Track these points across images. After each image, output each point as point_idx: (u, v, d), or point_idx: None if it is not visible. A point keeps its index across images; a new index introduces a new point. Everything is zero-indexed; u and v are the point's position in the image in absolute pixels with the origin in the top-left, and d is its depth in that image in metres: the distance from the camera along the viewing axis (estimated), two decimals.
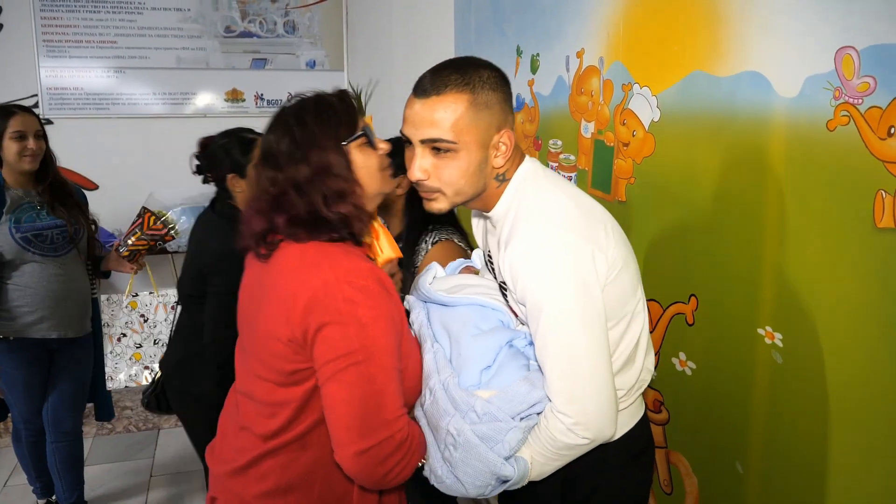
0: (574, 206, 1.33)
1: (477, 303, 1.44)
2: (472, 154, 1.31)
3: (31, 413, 2.91)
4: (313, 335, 1.26)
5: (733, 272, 1.62)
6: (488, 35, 2.88)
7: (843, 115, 1.31)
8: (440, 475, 1.34)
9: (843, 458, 1.40)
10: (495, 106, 1.31)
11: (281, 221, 1.34)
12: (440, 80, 1.30)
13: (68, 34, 5.10)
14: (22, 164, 2.70)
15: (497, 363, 1.33)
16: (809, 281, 1.44)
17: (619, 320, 1.36)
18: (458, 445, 1.28)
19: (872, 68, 1.25)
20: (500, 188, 1.39)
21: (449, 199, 1.36)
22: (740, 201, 1.59)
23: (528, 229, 1.29)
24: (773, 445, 1.56)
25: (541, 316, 1.27)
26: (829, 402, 1.41)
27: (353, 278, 1.27)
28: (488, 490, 1.31)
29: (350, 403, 1.25)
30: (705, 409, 1.77)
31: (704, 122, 1.68)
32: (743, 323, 1.61)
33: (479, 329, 1.39)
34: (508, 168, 1.38)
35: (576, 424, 1.26)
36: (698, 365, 1.77)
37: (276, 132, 1.37)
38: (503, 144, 1.33)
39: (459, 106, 1.29)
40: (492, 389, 1.31)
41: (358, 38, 5.35)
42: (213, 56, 5.37)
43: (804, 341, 1.46)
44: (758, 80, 1.51)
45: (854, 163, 1.30)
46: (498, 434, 1.27)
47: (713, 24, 1.63)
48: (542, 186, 1.37)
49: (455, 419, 1.29)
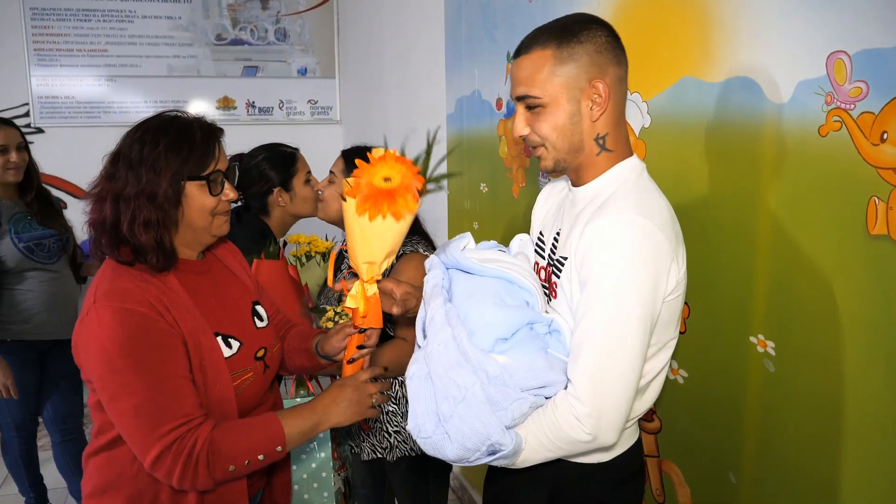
0: (669, 214, 1.31)
1: (506, 277, 1.38)
2: (560, 107, 1.31)
3: (25, 417, 2.99)
4: (79, 356, 1.40)
5: (725, 280, 1.60)
6: (479, 42, 2.88)
7: (836, 120, 1.29)
8: (428, 430, 1.28)
9: (836, 467, 1.38)
10: (583, 57, 1.29)
11: (90, 218, 1.43)
12: (529, 40, 1.34)
13: (59, 43, 5.09)
14: (6, 177, 2.82)
15: (514, 339, 1.29)
16: (802, 289, 1.42)
17: (653, 345, 1.33)
18: (461, 400, 1.23)
19: (865, 73, 1.23)
20: (599, 157, 1.35)
21: (551, 156, 1.36)
22: (732, 208, 1.58)
23: (623, 213, 1.25)
24: (766, 454, 1.55)
25: (599, 299, 1.24)
26: (823, 411, 1.40)
27: (116, 301, 1.35)
28: (473, 457, 1.26)
29: (125, 415, 1.34)
30: (698, 418, 1.75)
31: (695, 129, 1.67)
32: (735, 331, 1.59)
33: (503, 302, 1.34)
34: (610, 134, 1.34)
35: (587, 416, 1.22)
36: (690, 373, 1.76)
37: (134, 137, 1.43)
38: (596, 94, 1.30)
39: (544, 62, 1.30)
40: (506, 358, 1.26)
41: (349, 45, 5.35)
42: (205, 64, 5.36)
43: (797, 350, 1.45)
44: (749, 86, 1.50)
45: (847, 169, 1.28)
46: (505, 400, 1.23)
47: (703, 30, 1.62)
48: (646, 185, 1.34)
49: (465, 373, 1.24)
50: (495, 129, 2.79)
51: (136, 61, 5.26)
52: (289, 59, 5.52)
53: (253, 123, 5.45)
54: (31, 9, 4.99)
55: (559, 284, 1.38)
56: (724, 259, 1.60)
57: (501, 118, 2.73)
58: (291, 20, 5.48)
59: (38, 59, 5.05)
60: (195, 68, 5.34)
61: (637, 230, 1.23)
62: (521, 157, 2.57)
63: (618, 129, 1.35)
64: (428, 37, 3.51)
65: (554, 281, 1.41)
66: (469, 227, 3.12)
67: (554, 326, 1.34)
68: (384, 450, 2.17)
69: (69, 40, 5.11)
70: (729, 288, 1.59)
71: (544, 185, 2.39)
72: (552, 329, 1.33)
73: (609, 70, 1.31)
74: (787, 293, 1.45)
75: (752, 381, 1.56)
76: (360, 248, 1.42)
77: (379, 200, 1.33)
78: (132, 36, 5.22)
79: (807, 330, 1.42)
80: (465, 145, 3.10)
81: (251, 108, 5.47)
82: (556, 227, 1.46)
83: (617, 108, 1.34)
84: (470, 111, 3.03)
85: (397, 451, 2.16)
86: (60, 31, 5.08)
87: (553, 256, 1.43)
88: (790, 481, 1.49)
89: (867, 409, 1.30)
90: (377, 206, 1.34)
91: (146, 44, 5.26)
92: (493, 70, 2.77)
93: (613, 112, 1.33)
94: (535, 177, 2.47)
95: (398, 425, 2.15)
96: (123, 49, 5.22)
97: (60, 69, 5.11)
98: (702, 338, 1.71)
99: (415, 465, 2.22)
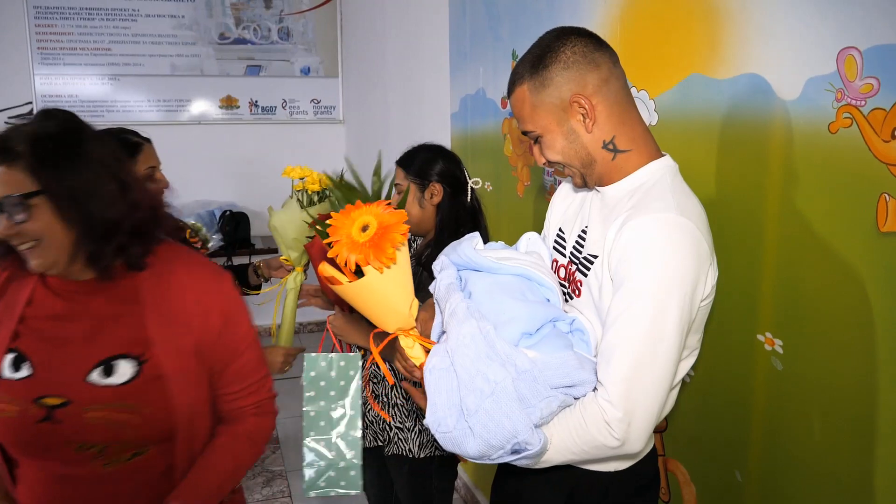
0: (705, 217, 1.29)
1: (525, 274, 1.35)
2: (554, 132, 1.33)
3: None
4: None
5: (733, 277, 1.60)
6: (483, 39, 2.88)
7: (846, 117, 1.29)
8: (449, 425, 1.23)
9: (843, 466, 1.38)
10: (554, 79, 1.29)
11: None
12: (511, 78, 1.37)
13: (63, 42, 5.09)
14: None
15: (539, 334, 1.25)
16: (810, 286, 1.42)
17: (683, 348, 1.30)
18: (489, 394, 1.18)
19: (876, 69, 1.23)
20: (617, 160, 1.33)
21: (574, 174, 1.38)
22: (740, 205, 1.57)
23: (665, 212, 1.22)
24: (773, 452, 1.55)
25: (638, 300, 1.21)
26: (830, 409, 1.40)
27: None
28: (495, 454, 1.21)
29: None
30: (704, 417, 1.75)
31: (703, 126, 1.66)
32: (742, 329, 1.59)
33: (525, 297, 1.31)
34: (618, 135, 1.32)
35: (619, 421, 1.19)
36: (697, 371, 1.75)
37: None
38: (580, 108, 1.29)
39: (524, 97, 1.34)
40: (536, 352, 1.22)
41: (352, 44, 5.35)
42: (208, 63, 5.36)
43: (805, 348, 1.44)
44: (757, 83, 1.49)
45: (857, 166, 1.28)
46: (534, 397, 1.19)
47: (711, 26, 1.62)
48: (682, 187, 1.32)
49: (495, 366, 1.20)
50: (500, 127, 2.79)
51: (140, 60, 5.27)
52: (292, 59, 5.53)
53: (256, 123, 5.45)
54: (34, 7, 4.99)
55: (585, 283, 1.35)
56: (731, 256, 1.59)
57: (506, 116, 2.73)
58: (294, 19, 5.49)
59: (41, 58, 5.05)
60: (198, 67, 5.34)
61: (681, 231, 1.21)
62: (526, 155, 2.57)
63: (625, 127, 1.32)
64: (432, 36, 3.51)
65: (578, 279, 1.38)
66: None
67: (576, 325, 1.31)
68: (384, 441, 2.16)
69: (73, 39, 5.11)
70: (737, 286, 1.59)
71: (549, 183, 2.39)
72: (574, 328, 1.31)
73: (586, 78, 1.29)
74: (795, 291, 1.45)
75: (760, 379, 1.56)
76: (386, 317, 1.38)
77: (381, 245, 1.26)
78: (135, 35, 5.22)
79: (815, 328, 1.41)
80: (470, 144, 3.11)
81: (254, 108, 5.47)
82: (581, 224, 1.43)
83: (615, 109, 1.31)
84: (474, 110, 3.03)
85: (395, 447, 2.14)
86: (64, 30, 5.08)
87: (578, 254, 1.40)
88: (797, 479, 1.48)
89: (876, 406, 1.30)
90: (381, 252, 1.27)
91: (149, 42, 5.26)
92: (497, 68, 2.77)
93: (611, 113, 1.31)
94: (540, 175, 2.47)
95: (402, 423, 2.14)
96: (127, 48, 5.23)
97: (64, 68, 5.12)
98: (709, 336, 1.69)
99: (415, 472, 2.19)
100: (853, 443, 1.35)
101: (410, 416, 2.13)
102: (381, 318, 1.38)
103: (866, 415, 1.32)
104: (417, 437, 2.12)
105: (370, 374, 2.16)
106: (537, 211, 2.54)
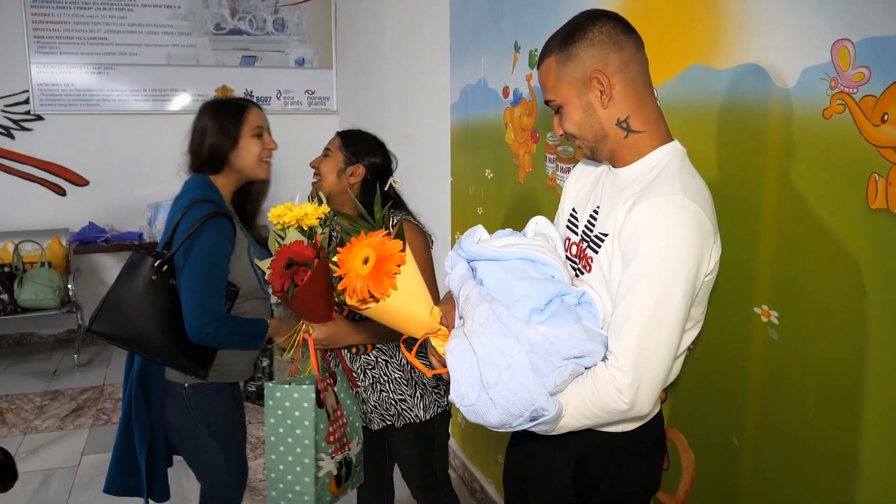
0: (710, 198, 1.39)
1: (528, 257, 1.45)
2: (574, 104, 1.43)
3: (242, 471, 2.36)
4: None
5: (730, 253, 1.66)
6: (485, 31, 2.93)
7: (839, 103, 1.38)
8: (472, 398, 1.32)
9: (833, 430, 1.46)
10: (580, 55, 1.40)
11: None
12: (542, 50, 1.48)
13: (59, 31, 5.11)
14: (259, 172, 2.33)
15: (549, 310, 1.35)
16: (805, 261, 1.50)
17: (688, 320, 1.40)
18: (506, 367, 1.28)
19: (867, 59, 1.32)
20: (629, 139, 1.43)
21: (584, 146, 1.48)
22: (739, 186, 1.65)
23: (672, 195, 1.32)
24: (768, 419, 1.62)
25: (646, 276, 1.31)
26: (823, 377, 1.48)
27: None
28: (516, 422, 1.31)
29: None
30: (703, 385, 1.82)
31: (704, 114, 1.74)
32: (739, 302, 1.67)
33: (530, 276, 1.41)
34: (632, 116, 1.41)
35: (628, 387, 1.30)
36: (695, 343, 1.83)
37: None
38: (599, 85, 1.40)
39: (550, 68, 1.44)
40: (546, 327, 1.32)
41: (347, 35, 5.39)
42: (203, 53, 5.40)
43: (799, 319, 1.52)
44: (756, 72, 1.58)
45: (849, 148, 1.37)
46: (547, 367, 1.28)
47: (712, 18, 1.69)
48: (689, 169, 1.41)
49: (509, 341, 1.29)
50: (501, 116, 2.84)
51: (135, 50, 5.29)
52: (287, 50, 5.57)
53: None
54: None
55: (595, 259, 1.45)
56: (731, 234, 1.66)
57: (508, 106, 2.79)
58: (289, 10, 5.53)
59: (38, 47, 5.07)
60: (194, 57, 5.38)
61: (686, 212, 1.31)
62: (528, 143, 2.65)
63: (641, 110, 1.42)
64: (431, 28, 3.55)
65: (589, 256, 1.48)
66: (473, 213, 3.19)
67: (585, 298, 1.40)
68: (392, 417, 2.27)
69: (69, 28, 5.13)
70: (734, 261, 1.66)
71: (550, 170, 2.48)
72: (583, 301, 1.40)
73: (609, 58, 1.39)
74: (791, 265, 1.53)
75: (756, 349, 1.64)
76: (410, 327, 1.49)
77: (378, 278, 1.40)
78: (131, 24, 5.24)
79: (809, 300, 1.50)
80: (470, 132, 3.17)
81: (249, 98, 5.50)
82: (594, 204, 1.52)
83: (631, 90, 1.41)
84: (475, 100, 3.09)
85: (402, 419, 2.27)
86: (60, 19, 5.10)
87: (589, 233, 1.50)
88: (791, 443, 1.56)
89: (868, 374, 1.38)
90: (378, 284, 1.40)
91: (145, 32, 5.29)
92: (499, 58, 2.82)
93: (627, 94, 1.40)
94: (542, 162, 2.55)
95: (403, 393, 2.25)
96: (123, 37, 5.25)
97: (60, 57, 5.13)
98: (709, 309, 1.77)
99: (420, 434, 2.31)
100: (847, 408, 1.43)
101: (409, 384, 2.26)
102: (407, 329, 1.50)
103: (856, 381, 1.40)
104: (420, 401, 2.27)
105: (362, 363, 2.28)
106: (539, 197, 2.61)
